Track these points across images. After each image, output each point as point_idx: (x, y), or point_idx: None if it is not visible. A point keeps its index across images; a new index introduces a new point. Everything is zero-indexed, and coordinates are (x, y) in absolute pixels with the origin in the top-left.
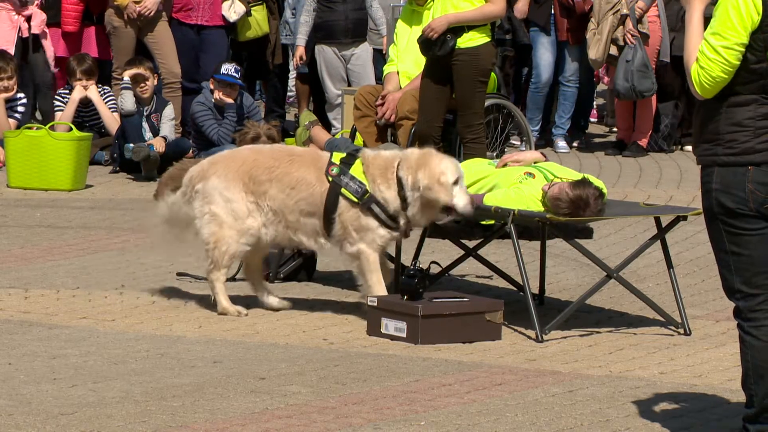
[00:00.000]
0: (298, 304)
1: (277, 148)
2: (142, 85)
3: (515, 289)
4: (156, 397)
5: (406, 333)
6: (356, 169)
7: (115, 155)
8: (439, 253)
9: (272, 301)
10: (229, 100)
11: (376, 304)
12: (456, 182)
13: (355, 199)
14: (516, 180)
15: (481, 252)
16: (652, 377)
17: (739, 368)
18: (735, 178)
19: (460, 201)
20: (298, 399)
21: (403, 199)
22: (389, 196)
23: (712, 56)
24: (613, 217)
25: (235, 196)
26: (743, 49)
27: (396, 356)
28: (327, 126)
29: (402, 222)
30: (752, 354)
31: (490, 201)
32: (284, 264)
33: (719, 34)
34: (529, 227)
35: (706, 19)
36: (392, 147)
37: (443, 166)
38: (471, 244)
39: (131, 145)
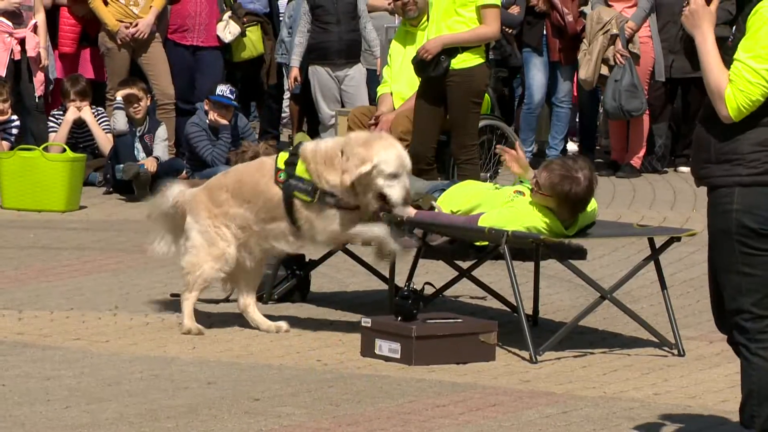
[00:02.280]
0: (292, 325)
1: (230, 169)
2: (135, 105)
3: (509, 310)
4: (150, 419)
5: (400, 354)
6: (300, 169)
7: (108, 176)
8: (433, 274)
9: (267, 326)
10: (224, 122)
11: (369, 325)
12: (395, 175)
13: (308, 199)
14: (507, 199)
15: (475, 273)
16: (646, 398)
17: (733, 389)
18: (758, 199)
19: (395, 193)
20: (292, 420)
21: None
22: (335, 181)
23: (753, 80)
24: (607, 237)
25: (202, 225)
26: None
27: (390, 377)
28: None
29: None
30: (759, 376)
31: (484, 222)
32: (278, 285)
33: (760, 56)
34: (523, 248)
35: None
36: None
37: (385, 154)
38: (465, 265)
39: (122, 165)
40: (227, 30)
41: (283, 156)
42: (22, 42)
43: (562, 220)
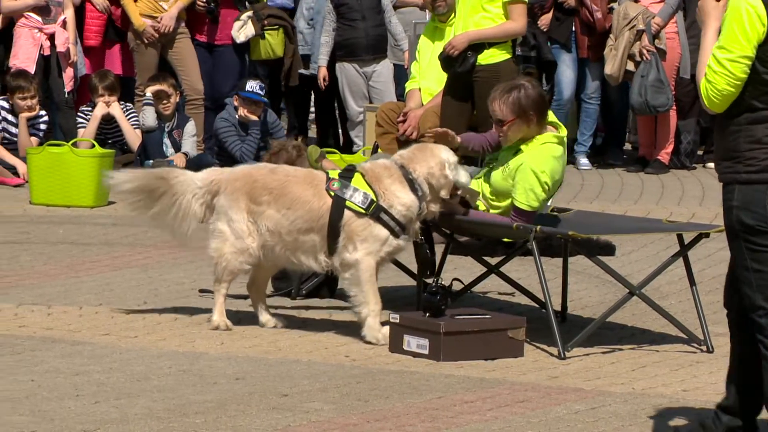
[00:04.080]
0: (320, 321)
1: (279, 168)
2: (165, 101)
3: (537, 306)
4: (178, 414)
5: (429, 350)
6: (357, 181)
7: None
8: (462, 270)
9: (267, 319)
10: (254, 118)
11: (398, 321)
12: (456, 165)
13: (362, 210)
14: (508, 170)
15: (504, 269)
16: (674, 395)
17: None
18: (755, 196)
19: (463, 178)
20: (321, 416)
21: (419, 198)
22: (407, 199)
23: (717, 69)
24: (635, 233)
25: (236, 216)
26: (749, 62)
27: (418, 373)
28: (349, 144)
29: (415, 228)
30: None
31: (523, 200)
32: (306, 281)
33: (724, 47)
34: (552, 244)
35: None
36: (382, 157)
37: (443, 153)
38: (493, 261)
39: (151, 161)
40: (242, 31)
41: (336, 171)
42: (51, 37)
43: (541, 130)
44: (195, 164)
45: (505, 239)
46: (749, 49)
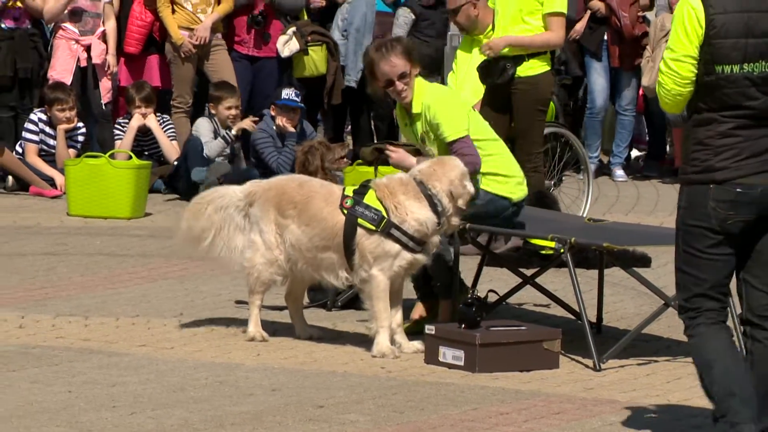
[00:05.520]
0: (355, 332)
1: (307, 182)
2: (234, 114)
3: (573, 317)
4: (215, 425)
5: (464, 361)
6: (370, 198)
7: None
8: (497, 281)
9: (304, 331)
10: (291, 127)
11: (433, 332)
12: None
13: (373, 227)
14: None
15: (539, 280)
16: (710, 407)
17: None
18: (698, 197)
19: (472, 187)
20: (357, 427)
21: (439, 215)
22: (421, 215)
23: (665, 70)
24: (671, 245)
25: (266, 227)
26: (694, 62)
27: (453, 384)
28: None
29: (435, 240)
30: (698, 352)
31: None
32: (342, 292)
33: (670, 48)
34: (587, 256)
35: None
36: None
37: (457, 163)
38: (529, 272)
39: (203, 168)
40: (287, 46)
41: (351, 187)
42: (88, 49)
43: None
44: (244, 177)
45: (542, 251)
46: (692, 48)
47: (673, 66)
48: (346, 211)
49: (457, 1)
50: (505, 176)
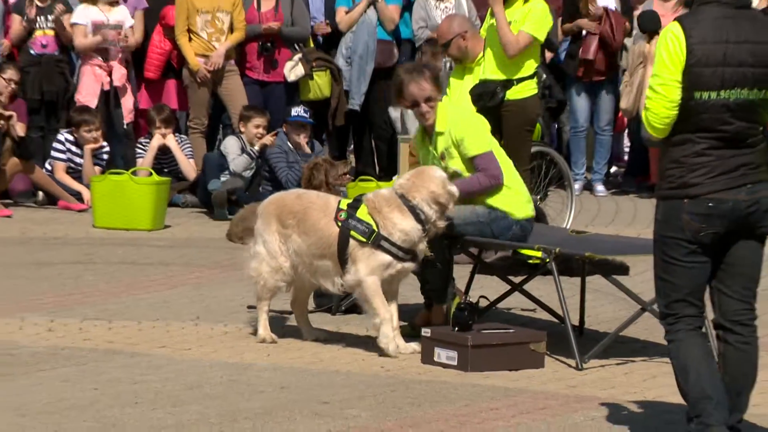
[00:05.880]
0: (358, 334)
1: (304, 194)
2: (262, 131)
3: (557, 321)
4: (229, 420)
5: (457, 361)
6: (362, 212)
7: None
8: (488, 288)
9: (310, 333)
10: (304, 140)
11: (429, 335)
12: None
13: (364, 239)
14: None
15: (526, 287)
16: (683, 403)
17: (763, 395)
18: (673, 210)
19: (455, 189)
20: (358, 422)
21: (423, 223)
22: (406, 226)
23: (653, 96)
24: (647, 254)
25: (269, 237)
26: (680, 85)
27: (448, 383)
28: (393, 171)
29: (421, 248)
30: (677, 357)
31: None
32: (345, 298)
33: (656, 75)
34: (570, 265)
35: None
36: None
37: (436, 172)
38: (516, 279)
39: (218, 180)
40: (293, 71)
41: (346, 201)
42: (110, 73)
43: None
44: (255, 200)
45: (530, 261)
46: (677, 73)
47: (661, 90)
48: (340, 224)
49: (447, 36)
50: (512, 191)
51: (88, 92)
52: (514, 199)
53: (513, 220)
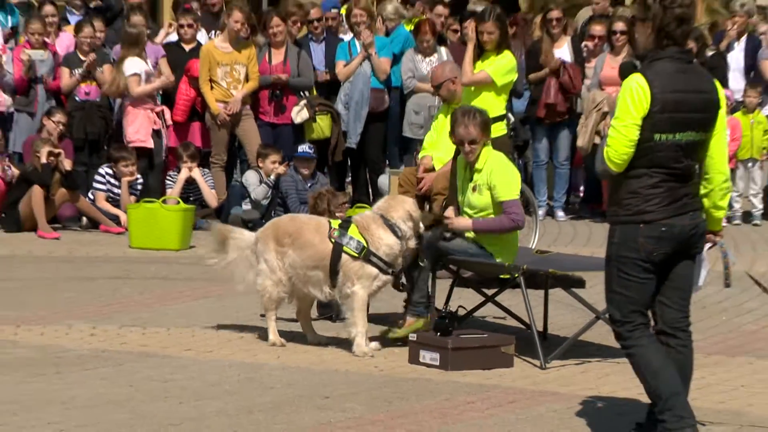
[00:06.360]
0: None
1: (297, 217)
2: (277, 166)
3: (524, 327)
4: (245, 412)
5: (439, 362)
6: (353, 231)
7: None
8: (465, 299)
9: (314, 338)
10: (309, 171)
11: (416, 339)
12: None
13: (356, 254)
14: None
15: (498, 298)
16: (632, 397)
17: (699, 390)
18: (630, 234)
19: (426, 220)
20: (355, 413)
21: (399, 238)
22: (391, 241)
23: (615, 135)
24: (600, 270)
25: (269, 255)
26: (638, 128)
27: (431, 380)
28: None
29: (399, 262)
30: (643, 361)
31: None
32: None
33: (618, 117)
34: (536, 279)
35: None
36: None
37: (406, 198)
38: (489, 292)
39: (240, 207)
40: (299, 114)
41: (337, 221)
42: (159, 115)
43: None
44: None
45: (501, 276)
46: (638, 117)
47: (623, 131)
48: (333, 241)
49: (439, 79)
50: (505, 240)
51: (146, 133)
52: (505, 247)
53: (495, 261)
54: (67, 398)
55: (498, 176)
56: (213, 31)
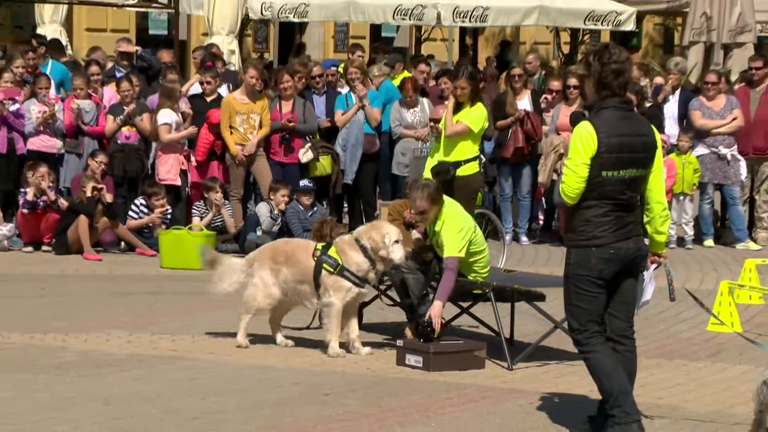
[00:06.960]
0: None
1: (291, 240)
2: (286, 199)
3: (494, 334)
4: (257, 407)
5: (423, 364)
6: (332, 250)
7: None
8: (444, 310)
9: (281, 340)
10: (309, 202)
11: (402, 344)
12: (397, 241)
13: (332, 270)
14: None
15: (472, 310)
16: (585, 393)
17: (644, 388)
18: (584, 256)
19: (396, 255)
20: (351, 408)
21: (370, 259)
22: (358, 260)
23: (568, 173)
24: (558, 287)
25: (264, 272)
26: (587, 166)
27: (415, 380)
28: None
29: (371, 277)
30: (599, 364)
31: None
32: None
33: (571, 158)
34: (504, 294)
35: None
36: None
37: (387, 229)
38: (465, 304)
39: (255, 233)
40: (304, 155)
41: (321, 243)
42: (186, 157)
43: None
44: None
45: (474, 291)
46: (587, 158)
47: (575, 169)
48: (315, 259)
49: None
50: (477, 258)
51: (175, 173)
52: (476, 266)
53: (469, 279)
54: (106, 396)
55: (444, 235)
56: (228, 84)
